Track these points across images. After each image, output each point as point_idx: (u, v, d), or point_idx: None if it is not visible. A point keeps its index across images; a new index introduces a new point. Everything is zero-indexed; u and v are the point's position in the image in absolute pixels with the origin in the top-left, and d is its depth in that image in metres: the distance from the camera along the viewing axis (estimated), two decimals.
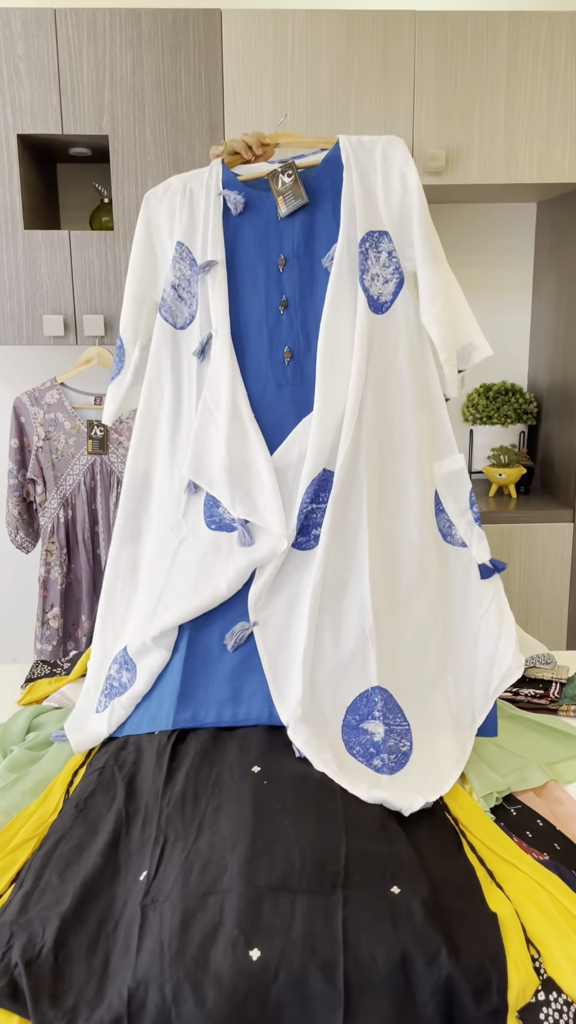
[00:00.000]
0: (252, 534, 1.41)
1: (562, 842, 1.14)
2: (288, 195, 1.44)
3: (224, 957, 0.88)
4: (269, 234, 1.46)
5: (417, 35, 2.40)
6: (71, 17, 2.33)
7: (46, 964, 0.90)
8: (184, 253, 1.46)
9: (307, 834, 1.03)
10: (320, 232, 1.45)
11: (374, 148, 1.44)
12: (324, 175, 1.45)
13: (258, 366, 1.45)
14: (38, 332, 2.50)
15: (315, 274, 1.45)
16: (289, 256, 1.45)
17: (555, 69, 2.43)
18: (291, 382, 1.45)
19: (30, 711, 1.51)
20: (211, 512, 1.45)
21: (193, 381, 1.46)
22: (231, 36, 2.38)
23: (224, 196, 1.45)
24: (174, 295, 1.47)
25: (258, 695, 1.33)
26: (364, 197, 1.42)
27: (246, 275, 1.46)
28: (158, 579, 1.45)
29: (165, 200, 1.48)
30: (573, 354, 2.72)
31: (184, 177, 1.50)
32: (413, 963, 0.88)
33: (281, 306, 1.46)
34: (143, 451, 1.50)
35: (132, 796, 1.15)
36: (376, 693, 1.32)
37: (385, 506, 1.43)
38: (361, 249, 1.41)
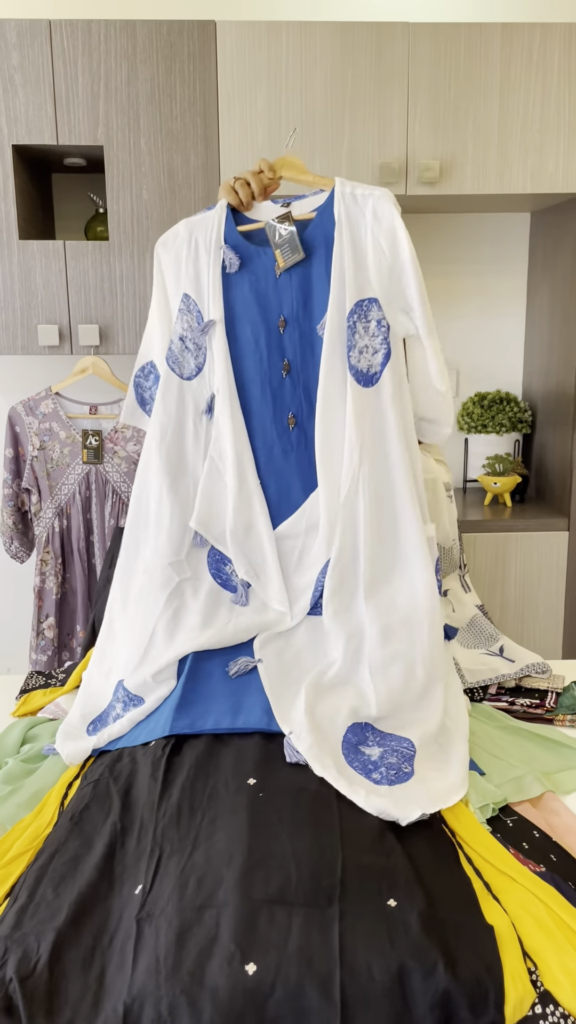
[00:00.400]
0: (250, 598, 1.46)
1: (559, 853, 1.14)
2: (286, 248, 1.43)
3: (220, 972, 0.87)
4: (269, 293, 1.46)
5: (410, 46, 2.41)
6: (66, 28, 2.34)
7: (41, 979, 0.90)
8: (191, 306, 1.48)
9: (303, 847, 1.02)
10: (316, 293, 1.45)
11: (365, 205, 1.41)
12: (318, 230, 1.45)
13: (263, 429, 1.47)
14: (33, 342, 2.51)
15: (314, 339, 1.46)
16: (289, 318, 1.46)
17: (548, 80, 2.45)
18: (296, 448, 1.47)
19: (25, 723, 1.50)
20: (218, 568, 1.48)
21: (201, 435, 1.49)
22: (225, 48, 2.39)
23: (224, 253, 1.46)
24: (181, 346, 1.48)
25: (257, 708, 1.33)
26: (354, 261, 1.41)
27: (247, 334, 1.47)
28: (150, 613, 1.46)
29: (172, 250, 1.50)
30: (567, 363, 2.73)
31: (191, 225, 1.50)
32: (410, 976, 0.88)
33: (284, 370, 1.46)
34: (144, 492, 1.51)
35: (127, 809, 1.15)
36: (368, 728, 1.32)
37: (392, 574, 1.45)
38: (349, 323, 1.41)
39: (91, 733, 1.40)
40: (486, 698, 1.61)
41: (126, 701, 1.41)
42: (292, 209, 1.48)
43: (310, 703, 1.32)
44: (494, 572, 2.74)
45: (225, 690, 1.37)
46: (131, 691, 1.41)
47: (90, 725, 1.42)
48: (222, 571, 1.48)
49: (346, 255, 1.41)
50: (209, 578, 1.48)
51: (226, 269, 1.46)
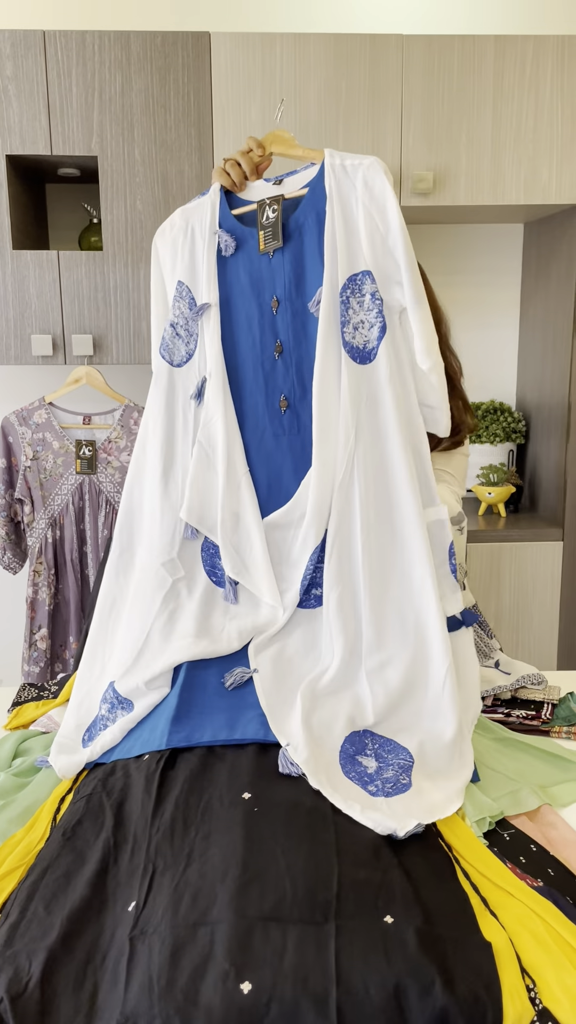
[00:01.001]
0: (238, 595, 1.43)
1: (556, 867, 1.13)
2: (268, 232, 1.41)
3: (215, 990, 0.86)
4: (262, 274, 1.43)
5: (404, 59, 2.42)
6: (60, 39, 2.34)
7: (32, 999, 0.88)
8: (184, 292, 1.46)
9: (299, 863, 1.01)
10: (309, 271, 1.41)
11: (356, 175, 1.37)
12: (309, 208, 1.41)
13: (255, 414, 1.44)
14: (26, 352, 2.50)
15: (306, 318, 1.42)
16: (281, 298, 1.42)
17: (541, 92, 2.46)
18: (288, 432, 1.44)
19: (17, 736, 1.48)
20: (212, 562, 1.45)
21: (189, 421, 1.46)
22: (220, 59, 2.40)
23: (219, 237, 1.44)
24: (172, 333, 1.47)
25: (254, 721, 1.32)
26: (346, 235, 1.37)
27: (241, 317, 1.44)
28: (146, 615, 1.44)
29: (168, 238, 1.49)
30: (561, 373, 2.74)
31: (187, 212, 1.49)
32: (407, 994, 0.87)
33: (276, 351, 1.43)
34: (136, 486, 1.49)
35: (120, 824, 1.13)
36: (367, 736, 1.31)
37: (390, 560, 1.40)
38: (342, 298, 1.38)
39: (85, 743, 1.38)
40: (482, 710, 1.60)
41: (113, 703, 1.40)
42: (284, 186, 1.45)
43: (306, 712, 1.30)
44: (488, 582, 2.73)
45: (221, 703, 1.36)
46: (121, 694, 1.39)
47: (85, 733, 1.40)
48: (216, 566, 1.45)
49: (338, 229, 1.37)
50: (204, 576, 1.46)
51: (222, 252, 1.44)
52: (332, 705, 1.33)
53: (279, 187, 1.46)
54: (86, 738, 1.39)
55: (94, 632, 1.50)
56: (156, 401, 1.48)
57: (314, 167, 1.44)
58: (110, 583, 1.50)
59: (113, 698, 1.40)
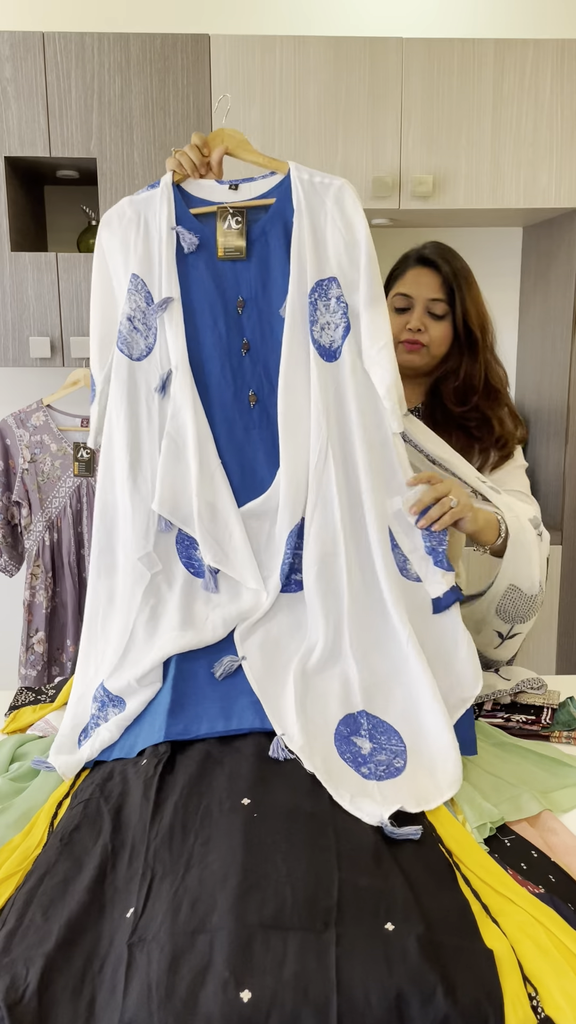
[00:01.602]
0: (219, 584, 1.43)
1: (557, 874, 1.12)
2: (230, 241, 1.44)
3: (214, 999, 0.85)
4: (226, 275, 1.46)
5: (404, 62, 2.42)
6: (59, 41, 2.34)
7: (30, 1007, 0.87)
8: (139, 286, 1.45)
9: (299, 869, 1.00)
10: (275, 277, 1.45)
11: (325, 195, 1.43)
12: (276, 218, 1.45)
13: (224, 407, 1.46)
14: (24, 354, 2.49)
15: (273, 319, 1.46)
16: (247, 299, 1.46)
17: (540, 95, 2.46)
18: (258, 425, 1.47)
19: (14, 740, 1.48)
20: (188, 554, 1.46)
21: (154, 414, 1.46)
22: (219, 61, 2.39)
23: (178, 233, 1.44)
24: (130, 327, 1.45)
25: (249, 710, 1.32)
26: (313, 245, 1.43)
27: (205, 313, 1.45)
28: (128, 612, 1.44)
29: (119, 231, 1.46)
30: (560, 377, 2.74)
31: (137, 203, 1.47)
32: (408, 1003, 0.86)
33: (243, 348, 1.46)
34: (108, 483, 1.49)
35: (118, 829, 1.12)
36: (362, 716, 1.33)
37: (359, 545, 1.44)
38: (310, 300, 1.42)
39: (81, 743, 1.38)
40: (481, 714, 1.59)
41: (104, 701, 1.40)
42: (240, 192, 1.47)
43: (300, 695, 1.32)
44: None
45: (213, 693, 1.36)
46: (112, 692, 1.39)
47: (81, 734, 1.40)
48: (193, 557, 1.45)
49: (306, 240, 1.42)
50: (181, 568, 1.46)
51: (184, 250, 1.44)
52: (324, 684, 1.35)
53: (235, 192, 1.47)
54: (81, 738, 1.39)
55: (85, 634, 1.50)
56: (118, 396, 1.46)
57: (275, 176, 1.47)
58: (95, 584, 1.49)
59: (104, 696, 1.40)
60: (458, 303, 1.65)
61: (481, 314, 1.69)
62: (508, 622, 1.58)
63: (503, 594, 1.57)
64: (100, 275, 1.49)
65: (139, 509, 1.45)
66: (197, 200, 1.48)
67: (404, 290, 1.68)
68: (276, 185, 1.46)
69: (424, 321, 1.67)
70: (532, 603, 1.58)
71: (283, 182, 1.46)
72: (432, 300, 1.66)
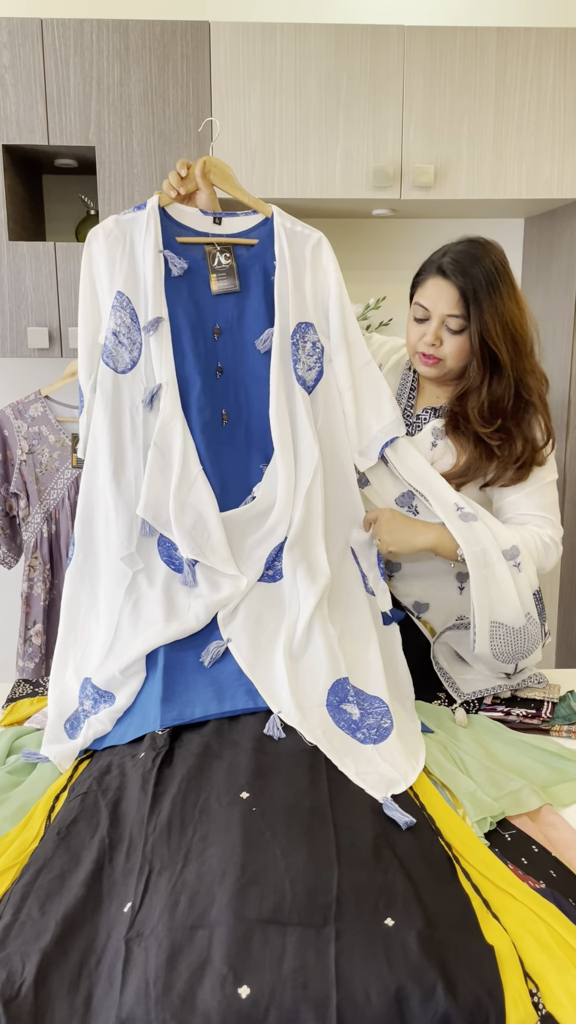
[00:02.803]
0: (198, 576, 1.49)
1: (558, 869, 1.11)
2: (223, 276, 1.55)
3: (212, 995, 0.84)
4: (205, 303, 1.56)
5: (406, 50, 2.39)
6: (58, 27, 2.32)
7: (26, 1003, 0.86)
8: (124, 303, 1.52)
9: (298, 864, 0.99)
10: (250, 313, 1.57)
11: (305, 245, 1.58)
12: (256, 258, 1.58)
13: (203, 423, 1.53)
14: (22, 344, 2.47)
15: (245, 349, 1.58)
16: (223, 329, 1.57)
17: (543, 85, 2.44)
18: (228, 442, 1.57)
19: (11, 733, 1.47)
20: (169, 553, 1.52)
21: (138, 425, 1.53)
22: (219, 49, 2.37)
23: (166, 257, 1.53)
24: (115, 341, 1.52)
25: (240, 691, 1.36)
26: (295, 290, 1.56)
27: (186, 335, 1.54)
28: (111, 609, 1.49)
29: (106, 249, 1.53)
30: (561, 369, 2.72)
31: (123, 223, 1.54)
32: (408, 999, 0.85)
33: (217, 371, 1.56)
34: (92, 489, 1.54)
35: (116, 823, 1.11)
36: (347, 683, 1.40)
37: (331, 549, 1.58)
38: (293, 340, 1.56)
39: (69, 733, 1.39)
40: (481, 708, 1.58)
41: (96, 698, 1.42)
42: (223, 226, 1.58)
43: (291, 673, 1.38)
44: None
45: (203, 678, 1.39)
46: (100, 687, 1.42)
47: (67, 723, 1.42)
48: (174, 556, 1.52)
49: (288, 286, 1.55)
50: (163, 565, 1.52)
51: (172, 273, 1.53)
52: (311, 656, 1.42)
53: (218, 225, 1.58)
54: (67, 728, 1.41)
55: (63, 633, 1.53)
56: (102, 407, 1.52)
57: (256, 215, 1.59)
58: (74, 583, 1.54)
59: (94, 693, 1.43)
60: (473, 320, 1.54)
61: (509, 325, 1.56)
62: (510, 662, 1.54)
63: (491, 633, 1.50)
64: (87, 288, 1.54)
65: (122, 513, 1.51)
66: (181, 227, 1.57)
67: (423, 301, 1.59)
68: (258, 225, 1.59)
69: (440, 335, 1.59)
70: (524, 636, 1.52)
71: (266, 224, 1.59)
72: (448, 316, 1.56)
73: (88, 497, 1.54)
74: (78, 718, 1.42)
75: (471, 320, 1.55)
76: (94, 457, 1.53)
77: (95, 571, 1.54)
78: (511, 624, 1.51)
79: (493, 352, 1.56)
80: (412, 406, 1.73)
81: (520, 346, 1.58)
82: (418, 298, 1.62)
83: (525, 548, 1.54)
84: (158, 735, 1.28)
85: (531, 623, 1.52)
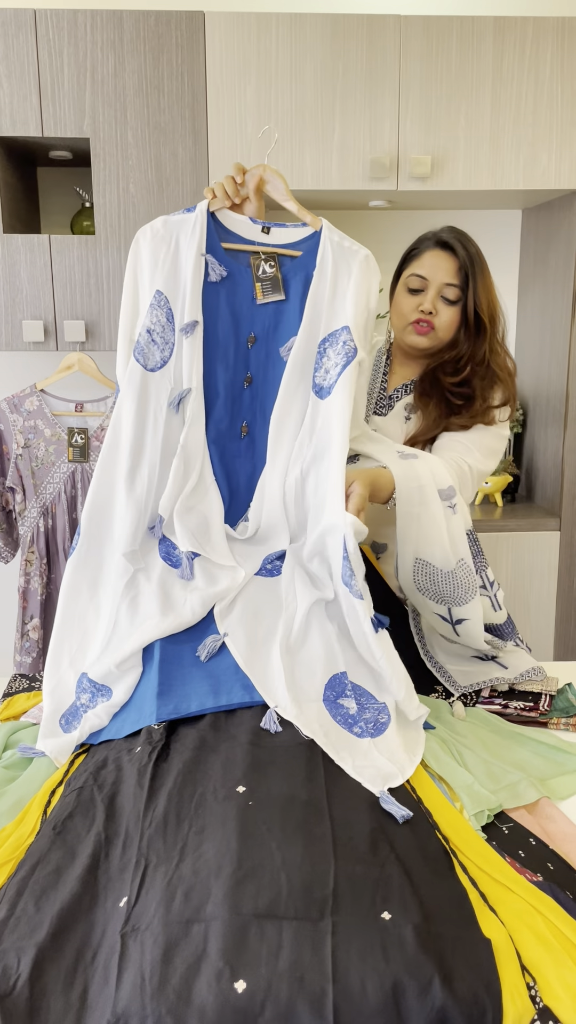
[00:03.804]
0: (196, 570, 1.49)
1: (555, 862, 1.11)
2: (268, 285, 1.56)
3: (208, 990, 0.84)
4: (243, 310, 1.57)
5: (402, 40, 2.38)
6: (51, 18, 2.30)
7: (21, 998, 0.86)
8: (162, 302, 1.53)
9: (294, 858, 0.99)
10: (286, 320, 1.57)
11: (352, 260, 1.55)
12: (299, 268, 1.57)
13: (219, 432, 1.55)
14: (17, 337, 2.46)
15: (276, 359, 1.58)
16: (259, 337, 1.57)
17: (540, 74, 2.42)
18: (243, 455, 1.58)
19: (7, 727, 1.46)
20: (168, 550, 1.53)
21: (160, 425, 1.53)
22: (214, 39, 2.35)
23: (207, 261, 1.53)
24: (148, 339, 1.53)
25: (237, 685, 1.35)
26: (331, 300, 1.54)
27: (218, 342, 1.55)
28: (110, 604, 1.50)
29: (151, 246, 1.54)
30: (558, 362, 2.71)
31: (171, 224, 1.55)
32: (405, 994, 0.85)
33: (246, 382, 1.57)
34: (106, 481, 1.54)
35: (112, 818, 1.11)
36: (345, 676, 1.39)
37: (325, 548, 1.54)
38: (320, 349, 1.54)
39: (64, 727, 1.38)
40: (479, 701, 1.58)
41: (93, 692, 1.42)
42: (272, 235, 1.58)
43: (287, 665, 1.37)
44: None
45: (200, 672, 1.38)
46: (97, 681, 1.42)
47: (62, 719, 1.41)
48: (172, 553, 1.53)
49: (325, 295, 1.54)
50: (160, 561, 1.53)
51: (210, 277, 1.53)
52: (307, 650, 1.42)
53: (266, 235, 1.58)
54: (63, 723, 1.40)
55: (59, 625, 1.53)
56: (129, 403, 1.53)
57: (305, 228, 1.58)
58: (75, 576, 1.54)
59: (91, 687, 1.42)
60: (471, 290, 1.65)
61: (492, 303, 1.70)
62: (441, 603, 1.54)
63: (414, 567, 1.54)
64: (130, 284, 1.56)
65: (131, 509, 1.51)
66: (230, 233, 1.58)
67: (420, 271, 1.69)
68: (306, 238, 1.58)
69: (436, 304, 1.68)
70: (455, 582, 1.53)
71: (313, 236, 1.57)
72: (447, 285, 1.66)
73: (100, 489, 1.54)
74: (74, 713, 1.41)
75: (467, 291, 1.65)
76: (114, 450, 1.53)
77: (98, 564, 1.54)
78: (439, 566, 1.53)
79: (479, 323, 1.67)
80: (385, 387, 1.80)
81: (496, 325, 1.70)
82: (413, 269, 1.69)
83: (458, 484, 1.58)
84: (154, 729, 1.28)
85: (463, 569, 1.53)
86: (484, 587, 1.58)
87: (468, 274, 1.65)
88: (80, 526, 1.55)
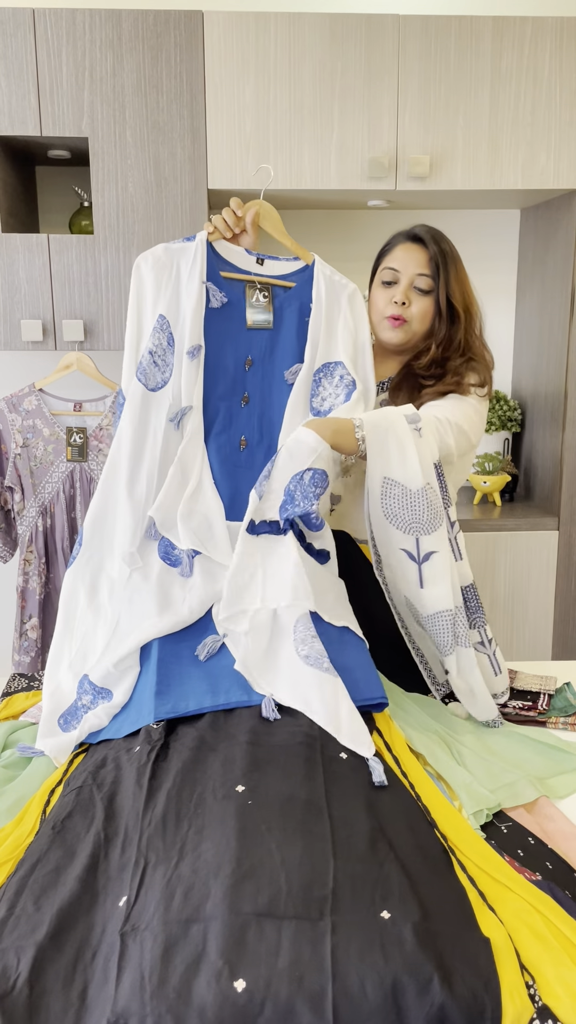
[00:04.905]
0: (195, 569, 1.52)
1: (554, 861, 1.11)
2: (259, 312, 1.66)
3: (208, 989, 0.84)
4: (240, 335, 1.66)
5: (401, 39, 2.38)
6: (50, 17, 2.30)
7: (21, 997, 0.86)
8: (164, 325, 1.61)
9: (294, 857, 0.99)
10: (282, 348, 1.67)
11: (341, 293, 1.68)
12: (294, 298, 1.68)
13: (219, 445, 1.62)
14: (16, 337, 2.46)
15: (274, 380, 1.67)
16: (255, 361, 1.66)
17: (539, 74, 2.43)
18: (244, 465, 1.64)
19: (6, 727, 1.46)
20: (166, 551, 1.56)
21: (159, 439, 1.60)
22: (213, 38, 2.35)
23: (208, 288, 1.62)
24: (150, 360, 1.60)
25: (235, 685, 1.36)
26: (327, 333, 1.67)
27: (217, 364, 1.63)
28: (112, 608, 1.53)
29: (153, 272, 1.63)
30: (557, 361, 2.72)
31: (172, 251, 1.64)
32: (404, 992, 0.85)
33: (243, 400, 1.65)
34: (109, 487, 1.61)
35: (111, 817, 1.11)
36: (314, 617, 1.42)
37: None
38: (315, 378, 1.66)
39: (63, 727, 1.38)
40: None
41: (94, 694, 1.43)
42: (265, 267, 1.68)
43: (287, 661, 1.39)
44: (483, 572, 2.71)
45: (198, 671, 1.39)
46: (97, 684, 1.43)
47: (60, 719, 1.42)
48: (171, 553, 1.56)
49: (321, 328, 1.66)
50: (159, 562, 1.56)
51: (210, 303, 1.63)
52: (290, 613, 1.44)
53: (260, 266, 1.68)
54: (62, 723, 1.41)
55: (60, 628, 1.55)
56: (130, 422, 1.60)
57: (297, 262, 1.69)
58: (75, 583, 1.58)
59: (92, 690, 1.43)
60: (442, 279, 1.69)
61: (466, 294, 1.73)
62: (409, 532, 1.47)
63: (382, 491, 1.47)
64: (134, 307, 1.64)
65: (130, 511, 1.57)
66: (226, 263, 1.67)
67: (392, 264, 1.73)
68: (298, 271, 1.69)
69: (409, 295, 1.71)
70: (424, 503, 1.47)
71: (305, 270, 1.69)
72: (419, 275, 1.70)
73: (103, 498, 1.60)
74: (74, 713, 1.42)
75: (439, 281, 1.69)
76: (116, 461, 1.60)
77: (98, 571, 1.59)
78: (407, 485, 1.46)
79: (453, 312, 1.70)
80: None
81: (473, 316, 1.74)
82: (387, 263, 1.74)
83: (424, 420, 1.53)
84: (153, 728, 1.28)
85: (431, 491, 1.47)
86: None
87: (439, 264, 1.69)
88: (81, 535, 1.60)
